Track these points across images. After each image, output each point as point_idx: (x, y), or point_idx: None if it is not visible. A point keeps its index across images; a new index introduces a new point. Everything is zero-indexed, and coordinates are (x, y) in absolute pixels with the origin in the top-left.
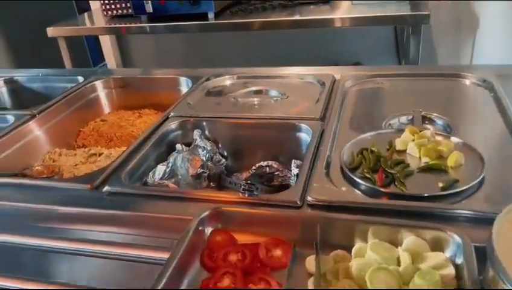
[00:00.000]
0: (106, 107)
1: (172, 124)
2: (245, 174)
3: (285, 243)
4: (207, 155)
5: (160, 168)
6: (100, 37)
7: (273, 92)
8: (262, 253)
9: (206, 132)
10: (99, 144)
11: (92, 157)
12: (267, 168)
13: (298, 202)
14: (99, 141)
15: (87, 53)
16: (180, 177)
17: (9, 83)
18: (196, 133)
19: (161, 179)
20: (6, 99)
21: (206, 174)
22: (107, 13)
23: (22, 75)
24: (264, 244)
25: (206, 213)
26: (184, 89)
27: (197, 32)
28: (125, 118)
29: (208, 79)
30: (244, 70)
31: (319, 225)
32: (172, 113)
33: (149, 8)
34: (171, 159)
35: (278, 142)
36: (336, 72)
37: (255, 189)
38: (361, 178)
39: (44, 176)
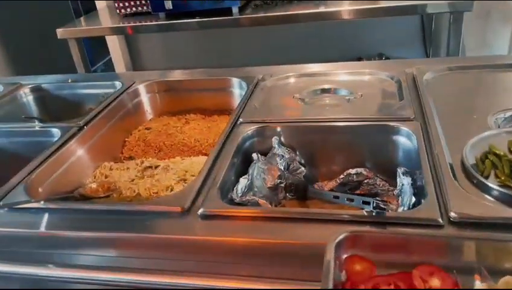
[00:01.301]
0: (148, 113)
1: (248, 131)
2: (330, 184)
3: (440, 271)
4: (284, 164)
5: (243, 182)
6: (107, 36)
7: (343, 91)
8: (419, 284)
9: (282, 138)
10: (148, 155)
11: (148, 171)
12: (355, 176)
13: (440, 220)
14: (147, 152)
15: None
16: (256, 189)
17: (37, 90)
18: (274, 141)
19: (243, 194)
20: (35, 109)
21: (283, 185)
22: (120, 11)
23: (48, 83)
24: (418, 273)
25: (341, 237)
26: (237, 91)
27: (218, 28)
28: (172, 125)
29: (263, 79)
30: (297, 68)
31: (475, 247)
32: (241, 119)
33: (168, 5)
34: (250, 171)
35: (365, 147)
36: (404, 65)
37: (384, 205)
38: (501, 187)
39: (101, 195)
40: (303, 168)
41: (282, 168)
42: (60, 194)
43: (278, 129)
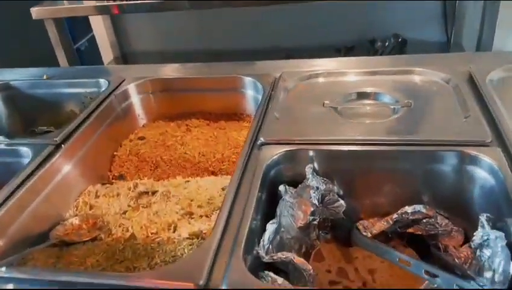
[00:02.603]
0: (140, 118)
1: (273, 156)
2: (380, 224)
3: None
4: (318, 196)
5: (270, 229)
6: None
7: (385, 97)
8: None
9: (315, 164)
10: (142, 173)
11: (143, 198)
12: (410, 215)
13: None
14: (141, 169)
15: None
16: (283, 229)
17: (4, 89)
18: (308, 170)
19: (271, 245)
20: (3, 115)
21: (316, 222)
22: None
23: (19, 79)
24: None
25: None
26: (250, 93)
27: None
28: (170, 134)
29: (282, 79)
30: (321, 64)
31: None
32: (262, 138)
33: None
34: (278, 211)
35: (421, 176)
36: (449, 61)
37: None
38: None
39: (85, 238)
40: (342, 202)
41: (316, 202)
42: (31, 238)
43: (311, 154)
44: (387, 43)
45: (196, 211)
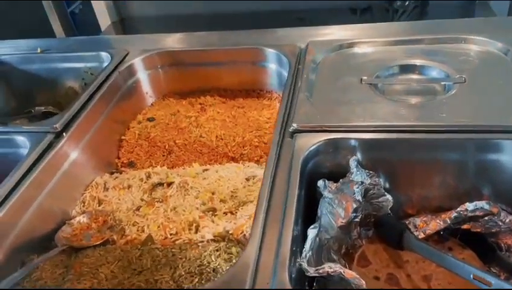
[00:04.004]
0: (149, 96)
1: (310, 147)
2: (434, 223)
3: None
4: (362, 191)
5: (311, 235)
6: None
7: (434, 71)
8: None
9: (358, 154)
10: (154, 160)
11: (158, 191)
12: (469, 212)
13: None
14: (153, 155)
15: None
16: (321, 229)
17: None
18: (352, 163)
19: (314, 255)
20: None
21: (358, 219)
22: None
23: (10, 54)
24: None
25: None
26: (273, 67)
27: None
28: (183, 114)
29: (310, 51)
30: (347, 30)
31: None
32: (294, 124)
33: None
34: (319, 212)
35: (483, 168)
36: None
37: None
38: None
39: (95, 241)
40: (388, 197)
41: (359, 198)
42: (35, 240)
43: (354, 143)
44: (407, 2)
45: (219, 207)
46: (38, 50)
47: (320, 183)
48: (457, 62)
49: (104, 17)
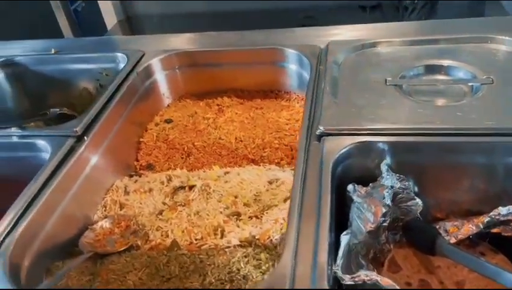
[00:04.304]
0: (165, 97)
1: (341, 150)
2: (466, 228)
3: None
4: (391, 195)
5: (344, 241)
6: None
7: (460, 72)
8: None
9: (387, 157)
10: (173, 162)
11: (180, 194)
12: (502, 216)
13: None
14: (171, 157)
15: None
16: (350, 233)
17: (9, 66)
18: (383, 167)
19: (346, 262)
20: (9, 95)
21: (386, 224)
22: None
23: (24, 54)
24: None
25: None
26: (293, 67)
27: None
28: (201, 115)
29: (331, 51)
30: (366, 29)
31: None
32: (321, 127)
33: None
34: (351, 216)
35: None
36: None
37: None
38: None
39: (121, 247)
40: (418, 201)
41: (389, 202)
42: (59, 247)
43: (382, 146)
44: (416, 0)
45: (244, 211)
46: (53, 51)
47: (350, 187)
48: (484, 62)
49: (110, 15)
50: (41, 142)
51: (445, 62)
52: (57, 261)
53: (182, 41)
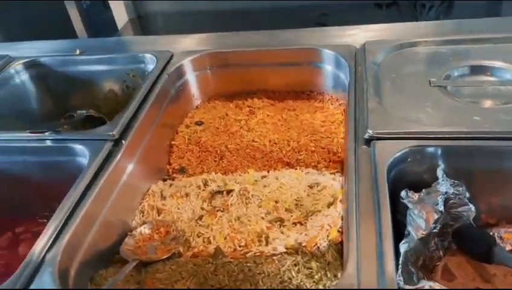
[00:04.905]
0: (195, 98)
1: (395, 154)
2: None
3: None
4: (443, 201)
5: (402, 249)
6: None
7: (507, 72)
8: None
9: (440, 161)
10: (206, 165)
11: (217, 199)
12: None
13: None
14: (204, 160)
15: None
16: (408, 242)
17: (33, 67)
18: (439, 172)
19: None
20: (33, 96)
21: (436, 230)
22: None
23: (48, 55)
24: None
25: None
26: (328, 68)
27: None
28: (232, 117)
29: (368, 51)
30: (401, 28)
31: None
32: (370, 131)
33: None
34: (407, 221)
35: None
36: None
37: None
38: None
39: (164, 254)
40: (471, 207)
41: (441, 208)
42: (100, 255)
43: (435, 150)
44: None
45: (286, 217)
46: (77, 51)
47: (403, 193)
48: None
49: (121, 14)
50: (78, 147)
51: (491, 63)
52: (100, 270)
53: (209, 41)
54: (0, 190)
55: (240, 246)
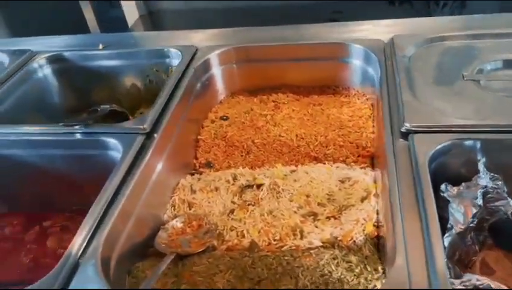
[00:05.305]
0: (219, 93)
1: (435, 148)
2: None
3: None
4: (482, 195)
5: (446, 243)
6: None
7: None
8: None
9: (479, 155)
10: (233, 160)
11: (248, 193)
12: None
13: None
14: (230, 155)
15: None
16: (451, 236)
17: (57, 61)
18: (481, 166)
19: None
20: (55, 90)
21: (473, 224)
22: None
23: (71, 49)
24: None
25: None
26: (357, 62)
27: None
28: (257, 112)
29: (398, 46)
30: (428, 22)
31: None
32: (407, 124)
33: None
34: (451, 218)
35: None
36: None
37: None
38: None
39: (199, 247)
40: (509, 201)
41: (480, 203)
42: (135, 249)
43: (474, 144)
44: None
45: (320, 211)
46: (100, 46)
47: (442, 187)
48: None
49: (132, 10)
50: (111, 140)
51: None
52: (137, 263)
53: (228, 35)
54: (29, 184)
55: (274, 240)
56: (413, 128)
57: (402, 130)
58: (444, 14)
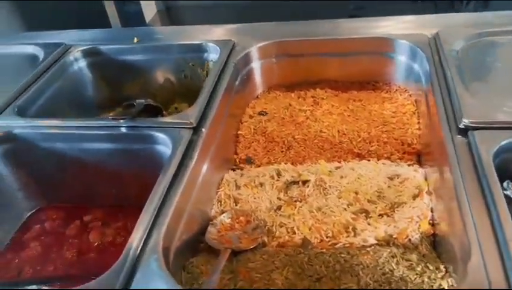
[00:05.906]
0: (256, 88)
1: (499, 144)
2: None
3: None
4: None
5: None
6: None
7: None
8: None
9: None
10: (273, 155)
11: (294, 189)
12: None
13: None
14: (271, 150)
15: None
16: None
17: (92, 55)
18: None
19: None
20: (90, 84)
21: None
22: None
23: (105, 43)
24: None
25: None
26: (401, 58)
27: None
28: (296, 107)
29: (445, 40)
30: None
31: None
32: (465, 120)
33: None
34: None
35: None
36: None
37: None
38: None
39: (250, 243)
40: None
41: None
42: (187, 245)
43: None
44: None
45: (371, 209)
46: (135, 40)
47: (505, 184)
48: None
49: (149, 6)
50: (159, 135)
51: None
52: (191, 258)
53: (269, 30)
54: (68, 178)
55: (327, 237)
56: (472, 125)
57: (460, 126)
58: (468, 11)
